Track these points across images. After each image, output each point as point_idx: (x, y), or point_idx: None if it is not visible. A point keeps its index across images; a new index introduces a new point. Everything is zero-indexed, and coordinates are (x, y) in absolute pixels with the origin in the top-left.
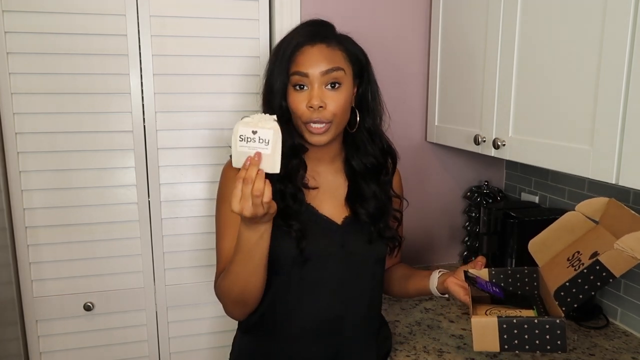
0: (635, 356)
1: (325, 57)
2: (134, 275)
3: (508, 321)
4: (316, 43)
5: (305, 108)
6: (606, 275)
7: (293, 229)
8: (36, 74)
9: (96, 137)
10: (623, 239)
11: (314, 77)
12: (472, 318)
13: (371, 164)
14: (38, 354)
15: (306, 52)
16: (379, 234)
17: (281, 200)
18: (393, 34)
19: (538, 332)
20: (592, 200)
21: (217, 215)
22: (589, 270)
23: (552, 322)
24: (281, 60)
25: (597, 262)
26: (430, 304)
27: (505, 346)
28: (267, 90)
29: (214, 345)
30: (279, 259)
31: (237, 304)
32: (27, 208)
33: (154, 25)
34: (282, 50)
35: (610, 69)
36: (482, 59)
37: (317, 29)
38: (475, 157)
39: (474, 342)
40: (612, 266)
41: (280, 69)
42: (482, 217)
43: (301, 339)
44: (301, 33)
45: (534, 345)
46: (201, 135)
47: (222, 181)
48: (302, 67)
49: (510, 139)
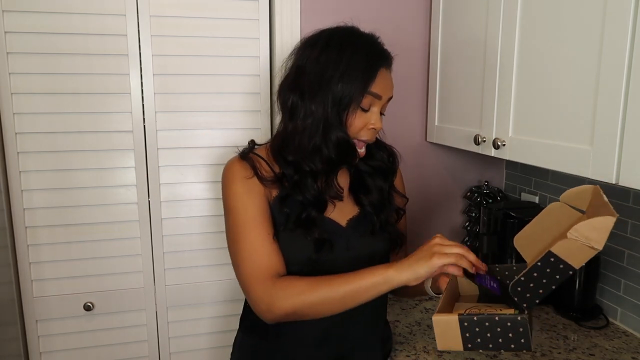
0: (635, 356)
1: (392, 85)
2: (134, 275)
3: (468, 319)
4: (388, 68)
5: (366, 128)
6: (564, 267)
7: (314, 236)
8: (36, 74)
9: (96, 137)
10: (576, 227)
11: (383, 101)
12: (433, 316)
13: (378, 166)
14: (38, 354)
15: (384, 75)
16: (381, 227)
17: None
18: (393, 33)
19: (500, 330)
20: (577, 188)
21: (236, 211)
22: (543, 263)
23: (513, 319)
24: (356, 72)
25: (549, 253)
26: (430, 304)
27: (468, 345)
28: (324, 95)
29: (214, 345)
30: (290, 263)
31: (294, 314)
32: (27, 208)
33: (154, 25)
34: (352, 60)
35: (610, 69)
36: (482, 58)
37: (386, 52)
38: (475, 157)
39: (437, 340)
40: (567, 257)
41: (356, 81)
42: (482, 217)
43: (306, 342)
44: (373, 51)
45: (497, 343)
46: (201, 135)
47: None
48: (380, 90)
49: (510, 139)
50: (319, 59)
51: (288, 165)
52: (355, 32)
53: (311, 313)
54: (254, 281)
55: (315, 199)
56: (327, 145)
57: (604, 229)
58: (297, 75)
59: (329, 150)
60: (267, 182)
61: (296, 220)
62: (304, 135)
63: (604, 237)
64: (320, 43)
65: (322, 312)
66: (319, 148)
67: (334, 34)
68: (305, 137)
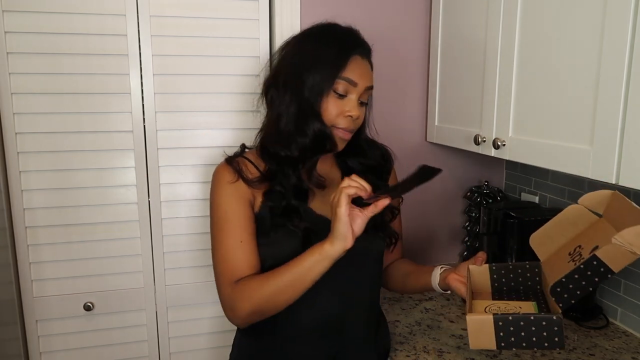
0: (635, 356)
1: (370, 74)
2: (134, 275)
3: (504, 318)
4: (364, 57)
5: (342, 115)
6: (604, 271)
7: (301, 229)
8: (36, 74)
9: (96, 137)
10: (622, 234)
11: (360, 89)
12: (467, 315)
13: (370, 165)
14: (38, 354)
15: (359, 62)
16: (375, 226)
17: (295, 198)
18: (393, 33)
19: (535, 329)
20: (596, 192)
21: (217, 215)
22: (585, 266)
23: (548, 319)
24: (329, 59)
25: (594, 257)
26: (431, 304)
27: (502, 344)
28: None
29: (214, 345)
30: (283, 260)
31: (255, 314)
32: (27, 208)
33: (154, 25)
34: (327, 49)
35: (610, 69)
36: (482, 58)
37: (362, 41)
38: (475, 157)
39: (469, 340)
40: (610, 261)
41: (327, 68)
42: (482, 217)
43: (301, 339)
44: (348, 39)
45: (531, 342)
46: (201, 135)
47: (216, 184)
48: (354, 76)
49: (510, 139)
50: (295, 52)
51: (269, 157)
52: (331, 25)
53: (270, 307)
54: (220, 287)
55: (295, 187)
56: (301, 132)
57: None
58: (276, 70)
59: (303, 138)
60: (254, 183)
61: (278, 211)
62: (280, 123)
63: None
64: (297, 38)
65: (279, 303)
66: (294, 135)
67: (311, 28)
68: (281, 126)
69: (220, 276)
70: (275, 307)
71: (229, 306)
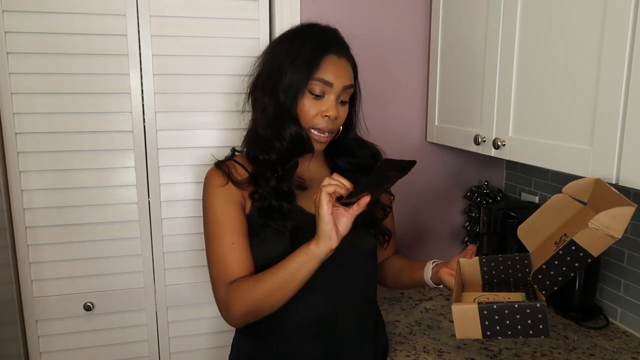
0: (635, 356)
1: (348, 73)
2: (133, 275)
3: (488, 307)
4: (341, 56)
5: (320, 116)
6: (583, 256)
7: (288, 228)
8: (36, 74)
9: (96, 137)
10: (598, 217)
11: (337, 89)
12: (453, 305)
13: (359, 164)
14: (38, 354)
15: (333, 61)
16: (365, 224)
17: (276, 199)
18: (393, 34)
19: (519, 317)
20: (579, 181)
21: (209, 218)
22: (564, 251)
23: (532, 307)
24: (302, 60)
25: (572, 242)
26: (430, 304)
27: (487, 332)
28: (275, 86)
29: (214, 345)
30: (273, 259)
31: (250, 314)
32: (27, 208)
33: (154, 25)
34: (301, 50)
35: (610, 69)
36: (482, 59)
37: (339, 40)
38: (475, 157)
39: (456, 330)
40: (588, 246)
41: (301, 69)
42: (482, 217)
43: (296, 339)
44: (322, 39)
45: (516, 330)
46: (201, 135)
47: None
48: (329, 76)
49: (510, 139)
50: (273, 54)
51: (250, 161)
52: (309, 26)
53: (264, 307)
54: (215, 288)
55: (273, 190)
56: (278, 136)
57: (623, 218)
58: (258, 74)
59: (280, 142)
60: (243, 185)
61: (263, 211)
62: (259, 127)
63: (622, 226)
64: (277, 39)
65: (272, 303)
66: (271, 139)
67: (290, 29)
68: (259, 130)
69: (215, 278)
70: (269, 307)
71: (224, 307)
